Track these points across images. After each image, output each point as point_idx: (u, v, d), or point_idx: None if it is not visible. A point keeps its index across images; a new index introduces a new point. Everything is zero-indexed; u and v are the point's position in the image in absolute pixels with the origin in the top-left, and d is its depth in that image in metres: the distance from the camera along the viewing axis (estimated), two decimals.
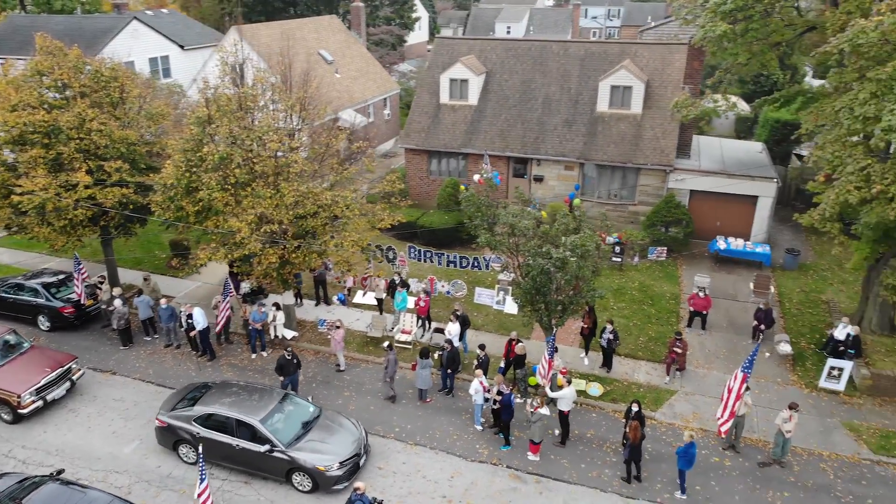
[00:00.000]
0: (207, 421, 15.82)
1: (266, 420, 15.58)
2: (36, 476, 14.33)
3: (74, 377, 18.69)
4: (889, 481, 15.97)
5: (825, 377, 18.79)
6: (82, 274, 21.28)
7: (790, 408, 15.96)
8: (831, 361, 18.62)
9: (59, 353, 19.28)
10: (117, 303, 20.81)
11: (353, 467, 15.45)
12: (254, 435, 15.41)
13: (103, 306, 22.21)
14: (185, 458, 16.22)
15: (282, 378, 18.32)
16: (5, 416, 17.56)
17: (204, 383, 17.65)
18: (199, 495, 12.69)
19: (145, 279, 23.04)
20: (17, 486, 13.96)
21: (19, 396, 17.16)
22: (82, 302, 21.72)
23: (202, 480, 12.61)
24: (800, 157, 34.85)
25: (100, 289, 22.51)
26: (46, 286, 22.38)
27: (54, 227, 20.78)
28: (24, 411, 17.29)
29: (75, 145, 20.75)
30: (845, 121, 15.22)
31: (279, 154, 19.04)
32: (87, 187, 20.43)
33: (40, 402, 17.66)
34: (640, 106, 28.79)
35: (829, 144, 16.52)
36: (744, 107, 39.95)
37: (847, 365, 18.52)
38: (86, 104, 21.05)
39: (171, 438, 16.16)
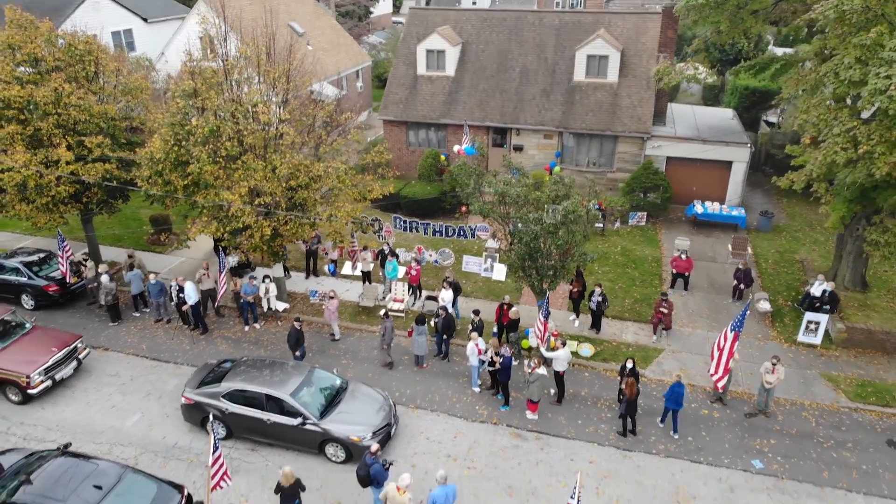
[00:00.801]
0: (236, 397, 15.80)
1: (296, 394, 15.60)
2: (43, 451, 14.28)
3: (81, 356, 18.48)
4: (866, 426, 16.93)
5: (803, 331, 19.66)
6: (66, 251, 20.95)
7: (772, 361, 16.74)
8: (808, 315, 19.48)
9: (63, 332, 19.01)
10: (104, 279, 20.58)
11: (385, 437, 15.58)
12: (284, 409, 15.45)
13: (89, 284, 21.90)
14: (209, 431, 15.81)
15: (295, 352, 18.43)
16: (14, 398, 17.35)
17: (225, 360, 17.58)
18: (213, 464, 12.82)
19: (130, 256, 22.76)
20: (24, 460, 13.92)
21: (28, 377, 16.95)
22: (68, 280, 21.41)
23: (216, 450, 12.72)
24: (769, 123, 35.78)
25: (84, 266, 22.17)
26: (28, 265, 21.95)
27: (36, 204, 20.37)
28: (34, 391, 17.10)
29: (53, 121, 20.32)
30: (830, 85, 15.79)
31: (269, 126, 18.91)
32: (68, 163, 20.06)
33: (49, 382, 17.45)
34: (616, 75, 29.18)
35: (814, 108, 17.13)
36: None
37: (823, 319, 19.40)
38: (61, 79, 20.55)
39: (198, 415, 16.10)
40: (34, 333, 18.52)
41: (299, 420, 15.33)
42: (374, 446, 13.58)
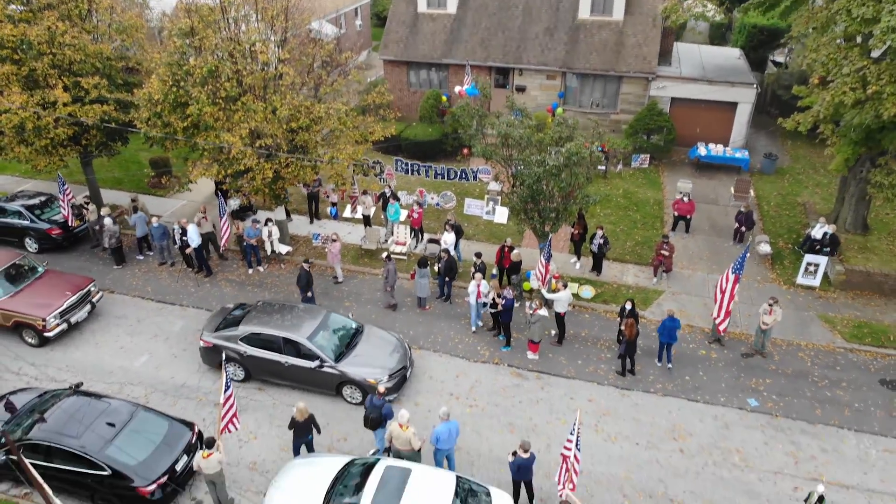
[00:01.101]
0: (254, 340, 15.97)
1: (312, 337, 15.77)
2: (55, 389, 14.64)
3: (94, 299, 18.66)
4: (860, 366, 17.27)
5: (802, 274, 19.82)
6: (67, 195, 20.91)
7: (770, 303, 16.93)
8: (808, 258, 19.60)
9: (75, 276, 19.17)
10: (107, 221, 20.61)
11: (401, 379, 15.87)
12: (300, 351, 15.66)
13: (92, 227, 21.93)
14: (232, 377, 16.21)
15: (307, 293, 18.62)
16: (31, 341, 17.62)
17: (242, 304, 17.71)
18: (224, 403, 13.12)
19: (133, 200, 22.73)
20: (37, 399, 14.29)
21: (44, 320, 17.15)
22: (69, 223, 21.44)
23: (227, 388, 12.98)
24: (776, 63, 35.12)
25: (86, 209, 22.17)
26: (30, 208, 21.96)
27: (35, 147, 20.21)
28: (50, 334, 17.35)
29: (48, 61, 19.96)
30: (842, 23, 15.45)
31: (268, 66, 18.59)
32: (65, 105, 19.82)
33: (64, 325, 17.68)
34: (621, 12, 28.49)
35: (824, 47, 16.81)
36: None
37: (822, 261, 19.52)
38: (54, 17, 20.08)
39: (216, 358, 16.16)
40: (47, 277, 18.62)
41: (316, 363, 15.52)
42: (382, 388, 13.88)
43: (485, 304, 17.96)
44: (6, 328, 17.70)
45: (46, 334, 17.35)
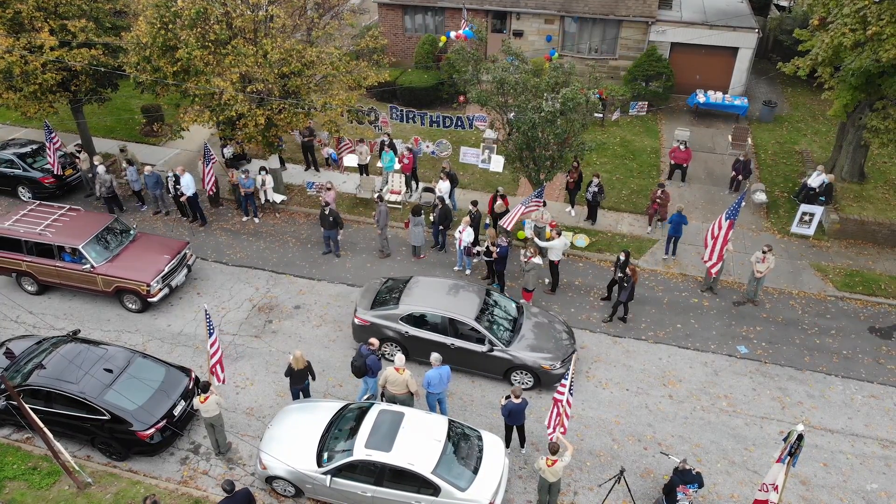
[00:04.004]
0: (415, 319, 15.18)
1: (480, 318, 14.91)
2: (53, 337, 14.77)
3: (189, 262, 18.13)
4: (850, 314, 17.45)
5: (797, 223, 19.79)
6: (55, 143, 20.67)
7: (763, 250, 16.98)
8: (803, 207, 19.54)
9: (168, 239, 18.72)
10: (100, 170, 20.43)
11: (570, 362, 14.91)
12: (459, 332, 14.87)
13: (87, 175, 21.75)
14: (388, 357, 15.52)
15: (331, 229, 18.88)
16: (132, 306, 17.14)
17: (390, 278, 16.87)
18: (211, 346, 13.29)
19: (122, 150, 22.48)
20: (35, 346, 14.44)
21: (148, 285, 16.58)
22: (55, 172, 21.21)
23: (210, 335, 13.15)
24: (780, 7, 34.33)
25: (78, 157, 21.97)
26: (21, 156, 21.75)
27: (24, 92, 19.87)
28: (154, 299, 16.77)
29: (33, 3, 19.45)
30: None
31: (258, 9, 18.14)
32: (52, 49, 19.40)
33: (167, 290, 17.16)
34: None
35: None
36: None
37: (818, 210, 19.49)
38: None
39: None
40: (141, 240, 17.94)
41: (486, 347, 14.69)
42: (374, 340, 13.98)
43: (478, 253, 18.01)
44: (106, 294, 17.11)
45: (150, 300, 16.77)
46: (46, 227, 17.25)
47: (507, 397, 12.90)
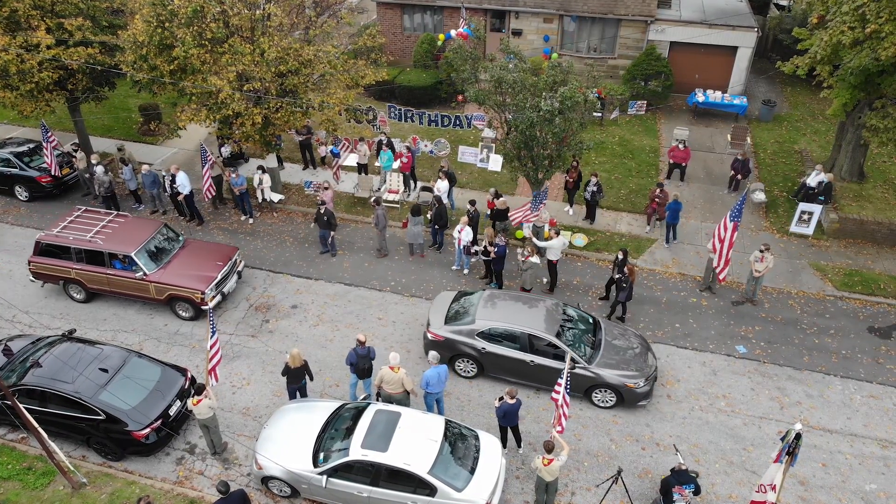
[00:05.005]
0: (493, 335, 14.75)
1: (560, 334, 14.47)
2: (48, 336, 14.70)
3: (240, 268, 17.82)
4: (850, 314, 17.39)
5: (796, 222, 19.73)
6: (51, 142, 20.58)
7: (761, 249, 16.91)
8: (802, 206, 19.48)
9: (217, 244, 18.33)
10: (98, 170, 20.35)
11: (654, 381, 14.66)
12: (536, 348, 14.47)
13: (85, 174, 21.66)
14: (463, 374, 15.24)
15: (325, 229, 18.83)
16: (184, 314, 16.81)
17: (461, 291, 16.41)
18: (211, 347, 13.23)
19: (119, 149, 22.39)
20: (31, 346, 14.37)
21: (203, 293, 16.26)
22: (52, 172, 21.12)
23: (213, 335, 13.08)
24: (779, 6, 34.25)
25: (75, 157, 21.89)
26: (18, 155, 21.67)
27: (20, 91, 19.80)
28: (207, 307, 16.02)
29: (30, 1, 19.38)
30: None
31: (255, 7, 18.07)
32: (49, 48, 19.34)
33: (219, 297, 16.84)
34: None
35: None
36: None
37: (817, 209, 19.42)
38: None
39: (447, 353, 14.93)
40: (190, 246, 17.67)
41: (569, 364, 13.71)
42: (362, 336, 13.85)
43: (475, 252, 17.95)
44: (158, 301, 16.78)
45: (204, 307, 16.34)
46: (96, 233, 16.98)
47: (501, 398, 12.85)
